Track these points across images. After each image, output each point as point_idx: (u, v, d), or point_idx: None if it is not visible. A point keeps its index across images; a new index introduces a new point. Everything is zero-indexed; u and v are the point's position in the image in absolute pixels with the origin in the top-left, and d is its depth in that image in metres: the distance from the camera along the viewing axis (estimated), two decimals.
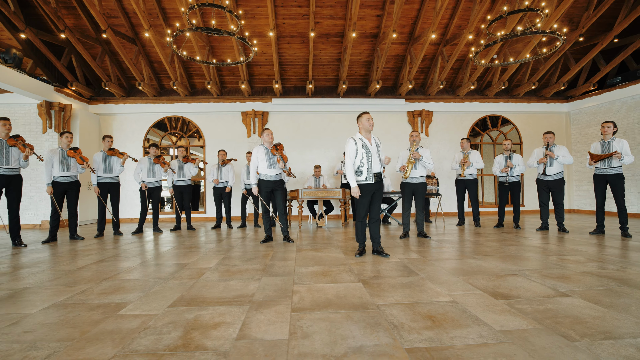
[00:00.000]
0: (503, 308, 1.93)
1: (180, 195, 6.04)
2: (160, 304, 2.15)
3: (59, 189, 4.90)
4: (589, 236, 4.61)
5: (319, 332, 1.67)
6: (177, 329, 1.77)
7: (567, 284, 2.37)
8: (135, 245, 4.51)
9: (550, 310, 1.88)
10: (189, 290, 2.44)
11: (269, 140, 4.52)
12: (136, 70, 7.08)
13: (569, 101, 8.61)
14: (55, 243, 4.85)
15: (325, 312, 1.95)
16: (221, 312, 1.99)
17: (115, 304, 2.19)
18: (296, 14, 6.68)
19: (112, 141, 5.54)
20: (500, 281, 2.48)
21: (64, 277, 2.87)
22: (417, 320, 1.78)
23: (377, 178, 3.44)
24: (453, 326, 1.70)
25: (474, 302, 2.04)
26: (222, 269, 3.08)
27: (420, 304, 2.03)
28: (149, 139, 8.59)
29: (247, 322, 1.83)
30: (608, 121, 4.58)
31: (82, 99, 7.62)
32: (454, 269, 2.87)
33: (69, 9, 6.32)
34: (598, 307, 1.91)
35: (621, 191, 4.46)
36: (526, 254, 3.48)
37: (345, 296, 2.22)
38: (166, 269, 3.09)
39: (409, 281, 2.53)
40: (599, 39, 6.92)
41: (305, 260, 3.38)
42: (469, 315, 1.83)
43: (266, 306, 2.07)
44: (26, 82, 6.08)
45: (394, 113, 8.60)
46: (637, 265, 2.91)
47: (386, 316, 1.85)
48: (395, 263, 3.16)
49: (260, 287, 2.46)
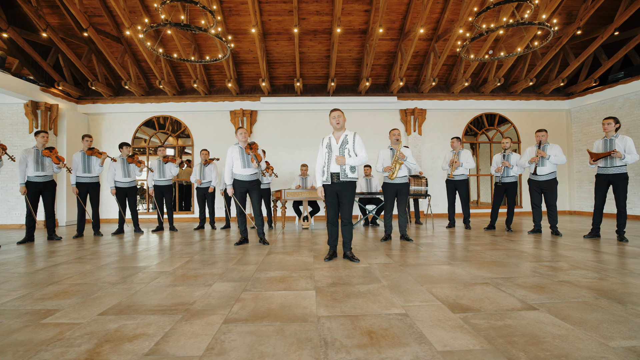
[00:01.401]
0: (456, 323, 1.72)
1: (160, 196, 5.92)
2: (91, 312, 2.00)
3: (34, 189, 4.81)
4: (582, 240, 4.34)
5: (239, 348, 1.50)
6: (91, 341, 1.61)
7: (539, 295, 2.15)
8: (108, 247, 4.39)
9: (508, 326, 1.67)
10: (130, 296, 2.29)
11: (243, 140, 4.37)
12: (122, 70, 7.00)
13: (569, 98, 8.28)
14: (32, 244, 4.77)
15: (259, 324, 1.77)
16: (149, 322, 1.83)
17: (46, 310, 2.05)
18: (281, 10, 6.52)
19: (92, 141, 5.45)
20: (466, 291, 2.27)
21: (14, 281, 2.74)
22: (353, 337, 1.59)
23: (337, 178, 3.25)
24: (390, 344, 1.51)
25: (427, 315, 1.84)
26: (179, 273, 2.92)
27: (366, 316, 1.84)
28: (140, 137, 8.53)
29: (170, 334, 1.66)
30: (609, 117, 4.29)
31: (71, 99, 7.58)
32: (422, 276, 2.66)
33: (53, 8, 6.27)
34: (564, 324, 1.69)
35: (623, 192, 4.17)
36: (507, 259, 3.25)
37: (290, 306, 2.04)
38: (122, 273, 2.95)
39: (367, 289, 2.34)
40: (599, 32, 6.60)
41: (270, 264, 3.21)
42: (413, 332, 1.63)
43: (200, 316, 1.90)
44: (9, 81, 6.04)
45: (386, 111, 8.37)
46: (625, 273, 2.67)
47: (322, 331, 1.67)
48: (362, 269, 2.96)
49: (206, 294, 2.29)
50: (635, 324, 1.66)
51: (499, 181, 5.45)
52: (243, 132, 4.36)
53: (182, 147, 8.80)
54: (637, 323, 1.68)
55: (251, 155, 4.34)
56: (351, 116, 8.37)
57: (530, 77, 7.37)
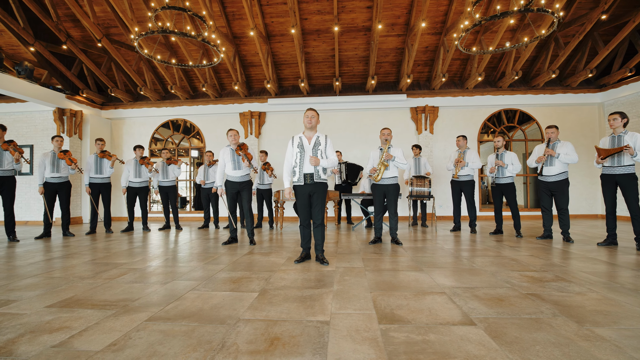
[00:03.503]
0: (371, 335, 1.61)
1: (165, 196, 6.21)
2: (42, 304, 2.14)
3: (51, 189, 5.27)
4: (594, 248, 3.88)
5: (137, 346, 1.52)
6: (18, 331, 1.72)
7: (490, 309, 1.95)
8: (109, 244, 4.68)
9: (425, 342, 1.53)
10: (87, 290, 2.41)
11: (233, 142, 4.45)
12: (136, 76, 7.45)
13: (602, 90, 7.45)
14: (49, 239, 5.22)
15: (177, 323, 1.78)
16: (81, 316, 1.92)
17: (6, 301, 2.22)
18: (282, 11, 6.55)
19: (104, 144, 5.86)
20: (413, 300, 2.12)
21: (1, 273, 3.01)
22: (254, 342, 1.55)
23: (310, 179, 3.18)
24: (285, 353, 1.44)
25: (348, 324, 1.74)
26: (148, 270, 3.04)
27: (285, 322, 1.78)
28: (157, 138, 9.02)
29: (90, 328, 1.73)
30: (615, 112, 3.82)
31: (95, 105, 8.22)
32: (380, 283, 2.53)
33: (75, 22, 6.82)
34: (490, 344, 1.51)
35: (634, 195, 3.68)
36: (488, 267, 2.99)
37: (222, 307, 2.03)
38: (98, 268, 3.13)
39: (311, 294, 2.27)
40: (631, 16, 5.86)
41: (239, 265, 3.23)
42: (319, 342, 1.55)
43: (131, 313, 1.95)
44: (38, 91, 6.68)
45: (396, 110, 8.10)
46: (614, 288, 2.34)
47: (229, 334, 1.64)
48: (325, 272, 2.88)
49: (153, 292, 2.36)
50: (574, 348, 1.45)
51: (493, 182, 5.08)
52: (232, 134, 4.44)
53: (197, 149, 9.18)
54: (578, 347, 1.46)
55: (242, 156, 4.42)
56: (359, 116, 8.22)
57: (553, 69, 6.74)
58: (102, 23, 6.71)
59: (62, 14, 6.59)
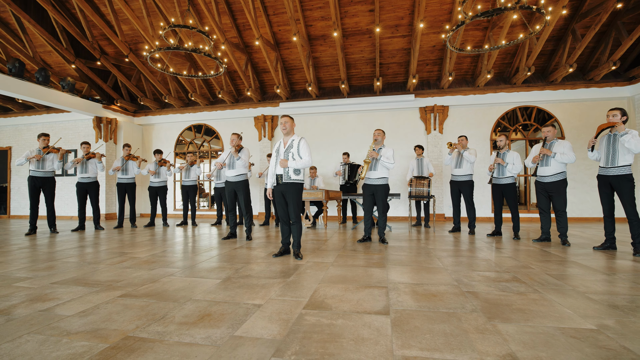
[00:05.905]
0: (287, 317, 1.85)
1: (186, 194, 6.82)
2: (49, 281, 2.63)
3: (81, 189, 6.05)
4: (589, 252, 3.72)
5: (98, 313, 1.89)
6: (21, 299, 2.19)
7: (417, 302, 2.08)
8: (129, 237, 5.32)
9: (330, 325, 1.73)
10: (88, 273, 2.89)
11: (231, 144, 4.85)
12: (161, 86, 8.21)
13: (631, 83, 6.85)
14: (83, 231, 6.02)
15: (140, 299, 2.14)
16: (72, 291, 2.36)
17: (24, 277, 2.74)
18: (288, 20, 6.88)
19: (130, 149, 6.60)
20: (350, 292, 2.30)
21: (36, 256, 3.63)
22: (189, 316, 1.85)
23: (281, 179, 3.45)
24: (207, 325, 1.72)
25: (276, 308, 1.99)
26: (143, 259, 3.50)
27: (226, 303, 2.07)
28: (182, 140, 9.81)
29: (73, 300, 2.15)
30: (614, 108, 3.63)
31: (128, 113, 9.17)
32: (333, 276, 2.73)
33: (107, 40, 7.71)
34: (387, 330, 1.68)
35: (629, 197, 3.48)
36: (451, 267, 3.05)
37: (183, 289, 2.37)
38: (106, 256, 3.65)
39: (264, 283, 2.54)
40: None
41: (223, 257, 3.58)
42: (240, 319, 1.81)
43: (110, 290, 2.36)
44: (78, 102, 7.66)
45: (404, 110, 8.09)
46: (563, 290, 2.33)
47: (173, 310, 1.96)
48: (291, 266, 3.14)
49: (137, 276, 2.77)
50: (461, 339, 1.57)
51: (489, 181, 4.97)
52: (232, 138, 4.85)
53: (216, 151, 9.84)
54: (467, 337, 1.58)
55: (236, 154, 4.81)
56: (368, 117, 8.32)
57: (570, 63, 6.36)
58: (130, 40, 7.51)
59: (97, 33, 7.49)
